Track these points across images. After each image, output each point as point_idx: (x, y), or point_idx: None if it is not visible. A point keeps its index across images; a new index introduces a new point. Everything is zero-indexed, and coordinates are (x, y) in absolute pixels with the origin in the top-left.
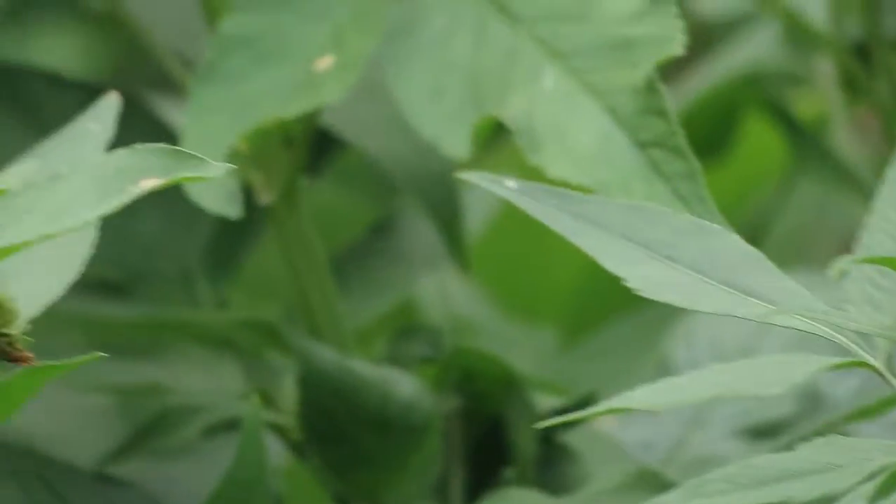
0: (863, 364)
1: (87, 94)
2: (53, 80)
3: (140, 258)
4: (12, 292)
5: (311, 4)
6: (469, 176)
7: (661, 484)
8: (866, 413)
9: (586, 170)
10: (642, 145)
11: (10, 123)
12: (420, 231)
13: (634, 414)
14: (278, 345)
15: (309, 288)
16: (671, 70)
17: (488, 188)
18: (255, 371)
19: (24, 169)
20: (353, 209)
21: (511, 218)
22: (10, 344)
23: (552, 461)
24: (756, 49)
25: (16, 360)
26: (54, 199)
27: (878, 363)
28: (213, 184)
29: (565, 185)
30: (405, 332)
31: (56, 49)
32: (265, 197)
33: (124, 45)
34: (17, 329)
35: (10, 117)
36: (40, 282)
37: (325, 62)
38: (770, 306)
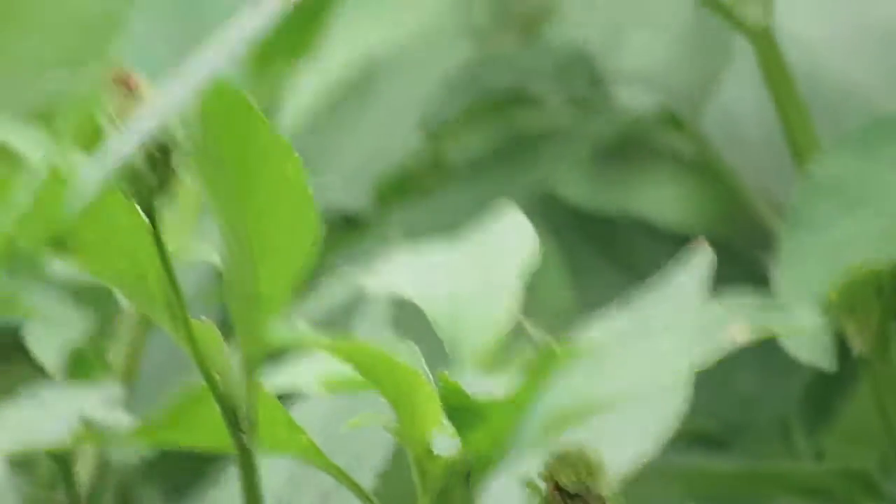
0: None
1: (677, 241)
2: (647, 228)
3: (738, 410)
4: (603, 449)
5: None
6: None
7: None
8: None
9: None
10: None
11: (605, 269)
12: None
13: None
14: (873, 494)
15: None
16: None
17: None
18: None
19: (614, 322)
20: None
21: None
22: (601, 501)
23: None
24: None
25: None
26: (646, 353)
27: None
28: (807, 334)
29: None
30: None
31: (651, 197)
32: (858, 345)
33: (716, 192)
34: (607, 487)
35: (606, 263)
36: (633, 438)
37: None
38: None
